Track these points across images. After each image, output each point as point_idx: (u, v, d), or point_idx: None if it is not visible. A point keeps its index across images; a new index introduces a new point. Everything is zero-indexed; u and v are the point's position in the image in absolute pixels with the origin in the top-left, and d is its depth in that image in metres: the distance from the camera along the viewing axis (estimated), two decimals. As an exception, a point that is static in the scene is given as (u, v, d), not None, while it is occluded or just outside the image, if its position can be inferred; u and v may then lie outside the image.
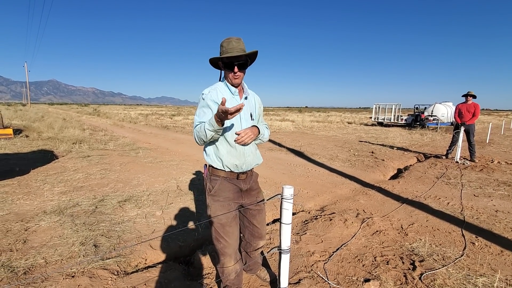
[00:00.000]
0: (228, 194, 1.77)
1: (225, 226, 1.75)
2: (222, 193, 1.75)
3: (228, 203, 1.77)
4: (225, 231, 1.75)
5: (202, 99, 1.70)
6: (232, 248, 1.78)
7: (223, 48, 1.67)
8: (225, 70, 1.71)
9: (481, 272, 2.34)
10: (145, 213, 3.49)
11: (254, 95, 1.90)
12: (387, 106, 21.75)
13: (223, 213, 1.74)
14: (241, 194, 1.82)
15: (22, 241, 2.72)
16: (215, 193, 1.75)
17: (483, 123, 22.66)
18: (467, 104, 6.93)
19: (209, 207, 1.78)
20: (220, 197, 1.75)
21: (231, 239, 1.77)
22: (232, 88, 1.73)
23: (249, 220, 1.93)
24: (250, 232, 1.97)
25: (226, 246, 1.76)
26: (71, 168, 5.64)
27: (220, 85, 1.76)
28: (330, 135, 13.22)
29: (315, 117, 32.36)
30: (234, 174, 1.76)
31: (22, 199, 3.86)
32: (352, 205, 3.96)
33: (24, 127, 13.32)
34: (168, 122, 20.73)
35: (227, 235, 1.75)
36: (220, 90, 1.72)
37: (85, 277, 2.17)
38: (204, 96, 1.70)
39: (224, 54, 1.65)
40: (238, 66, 1.65)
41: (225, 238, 1.75)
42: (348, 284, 2.19)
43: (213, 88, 1.72)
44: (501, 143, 10.50)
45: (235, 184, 1.78)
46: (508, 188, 4.68)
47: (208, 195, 1.79)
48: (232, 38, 1.67)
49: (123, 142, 9.54)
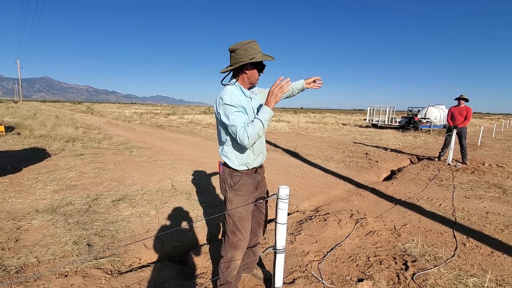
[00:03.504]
0: (248, 188, 1.85)
1: (243, 219, 1.83)
2: (244, 188, 1.83)
3: (248, 197, 1.85)
4: (243, 224, 1.83)
5: (230, 106, 1.63)
6: (245, 243, 1.87)
7: (254, 51, 1.67)
8: (253, 72, 1.76)
9: (472, 272, 2.38)
10: (140, 212, 3.47)
11: (256, 89, 1.97)
12: (382, 108, 21.95)
13: (245, 208, 1.82)
14: (256, 186, 1.92)
15: (14, 240, 2.69)
16: (238, 187, 1.82)
17: (475, 126, 23.03)
18: (460, 108, 7.04)
19: (231, 201, 1.83)
20: (242, 191, 1.83)
21: (246, 232, 1.86)
22: (247, 92, 1.79)
23: (258, 209, 2.02)
24: (257, 221, 2.05)
25: (241, 240, 1.84)
26: (64, 166, 5.58)
27: (234, 89, 1.74)
28: (325, 136, 13.30)
29: (310, 118, 32.51)
30: (253, 169, 1.87)
31: (14, 198, 3.81)
32: (346, 205, 4.00)
33: (16, 124, 13.11)
34: (163, 121, 20.61)
35: (243, 229, 1.83)
36: (237, 95, 1.72)
37: (78, 276, 2.16)
38: (230, 102, 1.63)
39: (263, 56, 1.71)
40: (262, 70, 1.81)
41: (242, 232, 1.83)
42: (342, 284, 2.22)
43: (231, 94, 1.67)
44: (492, 146, 10.69)
45: (254, 178, 1.88)
46: (498, 190, 4.77)
47: (230, 190, 1.83)
48: (254, 41, 1.71)
49: (117, 140, 9.46)
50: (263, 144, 1.90)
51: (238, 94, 1.74)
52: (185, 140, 10.52)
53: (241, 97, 1.74)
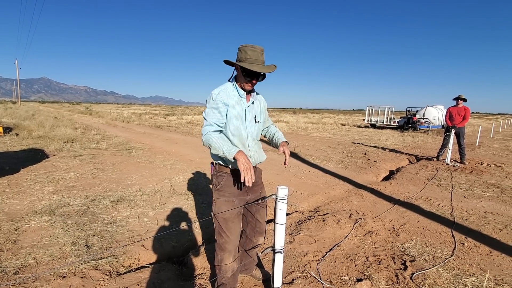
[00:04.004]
0: (233, 190, 1.81)
1: (228, 221, 1.79)
2: (227, 189, 1.80)
3: (233, 199, 1.81)
4: (228, 226, 1.79)
5: (212, 100, 1.70)
6: (232, 245, 1.82)
7: (246, 55, 1.64)
8: (241, 76, 1.70)
9: (470, 272, 2.39)
10: (138, 213, 3.46)
11: (260, 99, 1.93)
12: (380, 109, 21.99)
13: (228, 209, 1.78)
14: (245, 190, 1.87)
15: (12, 241, 2.67)
16: (221, 188, 1.80)
17: (473, 126, 23.10)
18: (458, 108, 7.06)
19: (215, 201, 1.82)
20: (226, 192, 1.80)
21: (232, 234, 1.81)
22: (241, 92, 1.75)
23: (252, 215, 1.97)
24: (252, 228, 2.00)
25: (227, 242, 1.80)
26: (62, 167, 5.56)
27: (229, 86, 1.77)
28: (324, 137, 13.31)
29: (309, 118, 32.52)
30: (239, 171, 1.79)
31: (12, 199, 3.79)
32: (345, 205, 4.00)
33: (14, 125, 13.07)
34: (161, 122, 20.57)
35: (229, 230, 1.79)
36: (229, 92, 1.73)
37: (77, 277, 2.15)
38: (213, 97, 1.70)
39: (248, 63, 1.63)
40: (257, 79, 1.70)
41: (227, 233, 1.79)
42: (341, 284, 2.22)
43: (222, 89, 1.73)
44: (490, 146, 10.72)
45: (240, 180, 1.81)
46: (497, 190, 4.78)
47: (214, 190, 1.83)
48: (257, 48, 1.66)
49: (116, 141, 9.44)
50: (250, 148, 1.81)
51: (231, 91, 1.74)
52: (184, 141, 10.50)
53: (232, 95, 1.73)
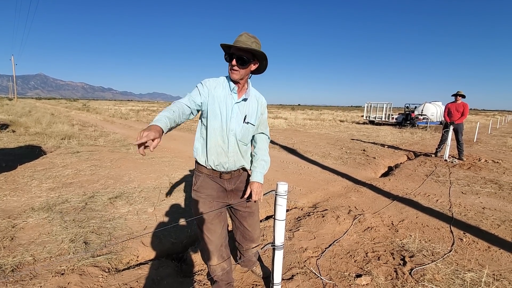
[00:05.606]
0: (210, 192, 1.73)
1: (206, 222, 1.70)
2: (204, 190, 1.73)
3: (210, 201, 1.73)
4: (207, 227, 1.71)
5: (200, 83, 1.66)
6: (214, 245, 1.72)
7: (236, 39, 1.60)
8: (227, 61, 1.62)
9: (469, 267, 2.40)
10: (137, 210, 3.45)
11: (259, 99, 1.77)
12: (379, 105, 22.02)
13: (205, 211, 1.70)
14: (226, 194, 1.78)
15: (9, 238, 2.65)
16: (197, 188, 1.74)
17: (471, 123, 23.18)
18: (456, 104, 7.06)
19: (192, 200, 1.77)
20: (202, 193, 1.73)
21: (213, 236, 1.71)
22: (232, 85, 1.65)
23: (240, 222, 1.90)
24: (241, 234, 1.95)
25: (208, 243, 1.72)
26: (59, 164, 5.52)
27: (222, 78, 1.71)
28: (323, 133, 13.31)
29: (308, 115, 32.52)
30: (217, 173, 1.71)
31: (9, 195, 3.76)
32: (344, 202, 4.00)
33: (10, 122, 12.96)
34: (159, 119, 20.46)
35: (208, 232, 1.71)
36: (220, 83, 1.67)
37: (75, 274, 2.13)
38: (202, 81, 1.67)
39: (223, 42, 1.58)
40: (237, 60, 1.55)
41: (207, 234, 1.71)
42: (340, 280, 2.22)
43: (214, 79, 1.69)
44: (488, 142, 10.77)
45: (218, 183, 1.74)
46: (494, 185, 4.80)
47: (192, 190, 1.79)
48: (245, 33, 1.59)
49: (114, 138, 9.39)
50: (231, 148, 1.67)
51: (221, 83, 1.67)
52: (182, 137, 10.47)
53: (221, 88, 1.65)
